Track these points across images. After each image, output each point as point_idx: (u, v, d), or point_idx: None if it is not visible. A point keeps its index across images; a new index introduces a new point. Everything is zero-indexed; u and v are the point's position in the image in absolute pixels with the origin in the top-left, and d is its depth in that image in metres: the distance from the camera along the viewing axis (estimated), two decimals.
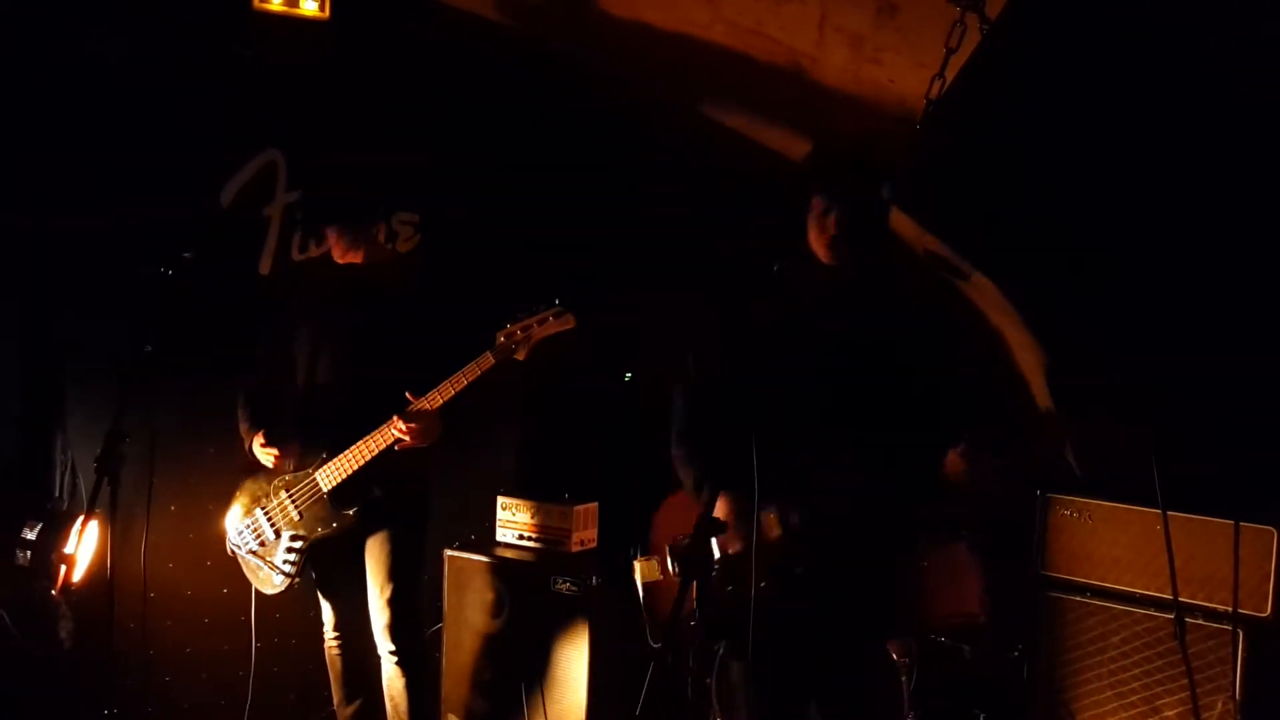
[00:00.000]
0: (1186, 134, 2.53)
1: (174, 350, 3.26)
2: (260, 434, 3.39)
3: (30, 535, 3.66)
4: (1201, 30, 2.38)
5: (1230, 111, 2.47)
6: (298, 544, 3.37)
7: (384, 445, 3.25)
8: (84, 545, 3.58)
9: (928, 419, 2.51)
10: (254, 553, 3.44)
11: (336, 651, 3.55)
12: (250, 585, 3.51)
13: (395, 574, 3.39)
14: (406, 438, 3.22)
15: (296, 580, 3.39)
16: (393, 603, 3.39)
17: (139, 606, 3.51)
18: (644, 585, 3.03)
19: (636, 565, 3.06)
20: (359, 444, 3.27)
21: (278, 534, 3.39)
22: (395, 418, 3.21)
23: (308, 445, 3.37)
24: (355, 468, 3.29)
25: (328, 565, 3.45)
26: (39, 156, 3.72)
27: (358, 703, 3.56)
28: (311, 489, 3.34)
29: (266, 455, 3.38)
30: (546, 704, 3.68)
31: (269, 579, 3.42)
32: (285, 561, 3.37)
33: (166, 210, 3.78)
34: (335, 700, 3.60)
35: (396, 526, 3.41)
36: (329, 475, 3.31)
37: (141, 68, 3.82)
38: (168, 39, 3.86)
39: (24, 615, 3.63)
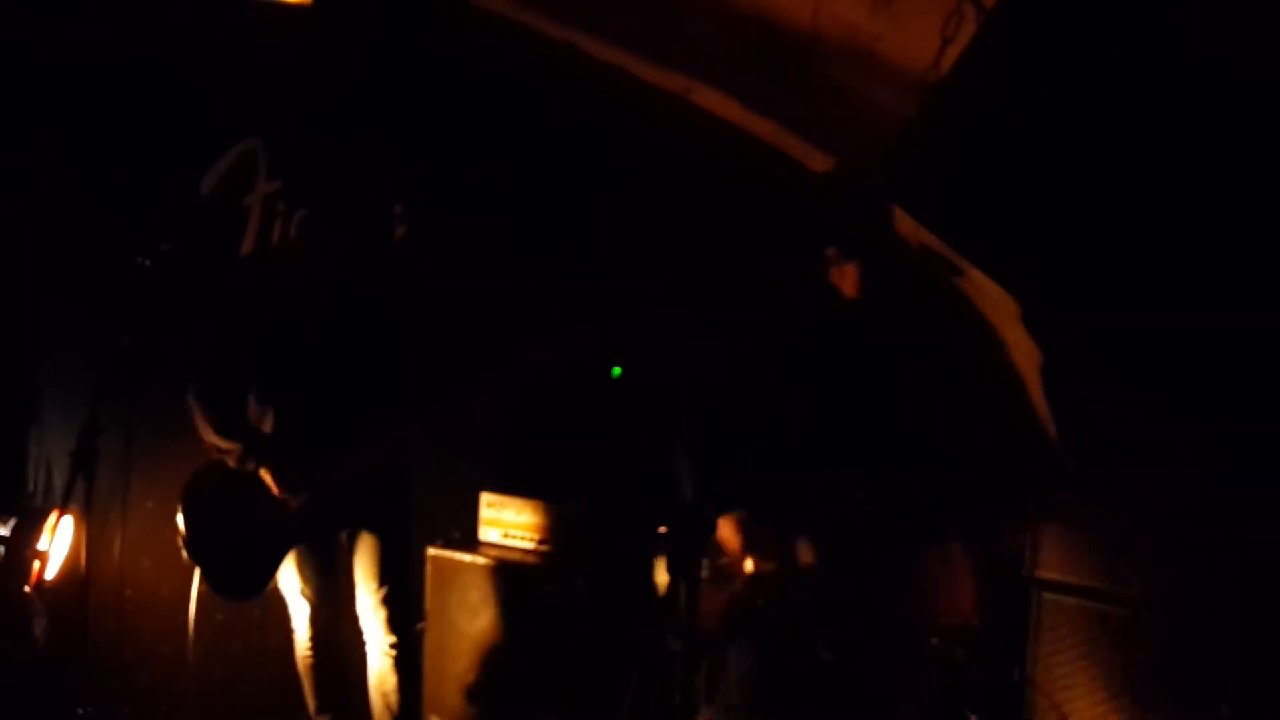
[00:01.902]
0: (1191, 124, 2.49)
1: (152, 343, 3.19)
2: (271, 473, 3.22)
3: (3, 531, 3.61)
4: (1205, 17, 2.34)
5: (1237, 101, 2.42)
6: (275, 550, 3.29)
7: (433, 427, 3.17)
8: (58, 542, 3.55)
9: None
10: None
11: (310, 661, 3.49)
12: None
13: (388, 572, 3.37)
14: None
15: (265, 588, 3.32)
16: (388, 600, 3.37)
17: (115, 604, 3.48)
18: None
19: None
20: (375, 438, 3.18)
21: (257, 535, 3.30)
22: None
23: (294, 442, 3.29)
24: (364, 463, 3.20)
25: (307, 570, 3.39)
26: (12, 145, 3.66)
27: (329, 716, 3.50)
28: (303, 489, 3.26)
29: (276, 488, 3.23)
30: (531, 704, 3.63)
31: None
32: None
33: (145, 200, 3.73)
34: (310, 709, 3.55)
35: (383, 525, 3.37)
36: (328, 474, 3.23)
37: (120, 54, 3.76)
38: (146, 26, 3.80)
39: None
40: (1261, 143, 2.56)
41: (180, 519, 3.20)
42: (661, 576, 3.00)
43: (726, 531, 2.71)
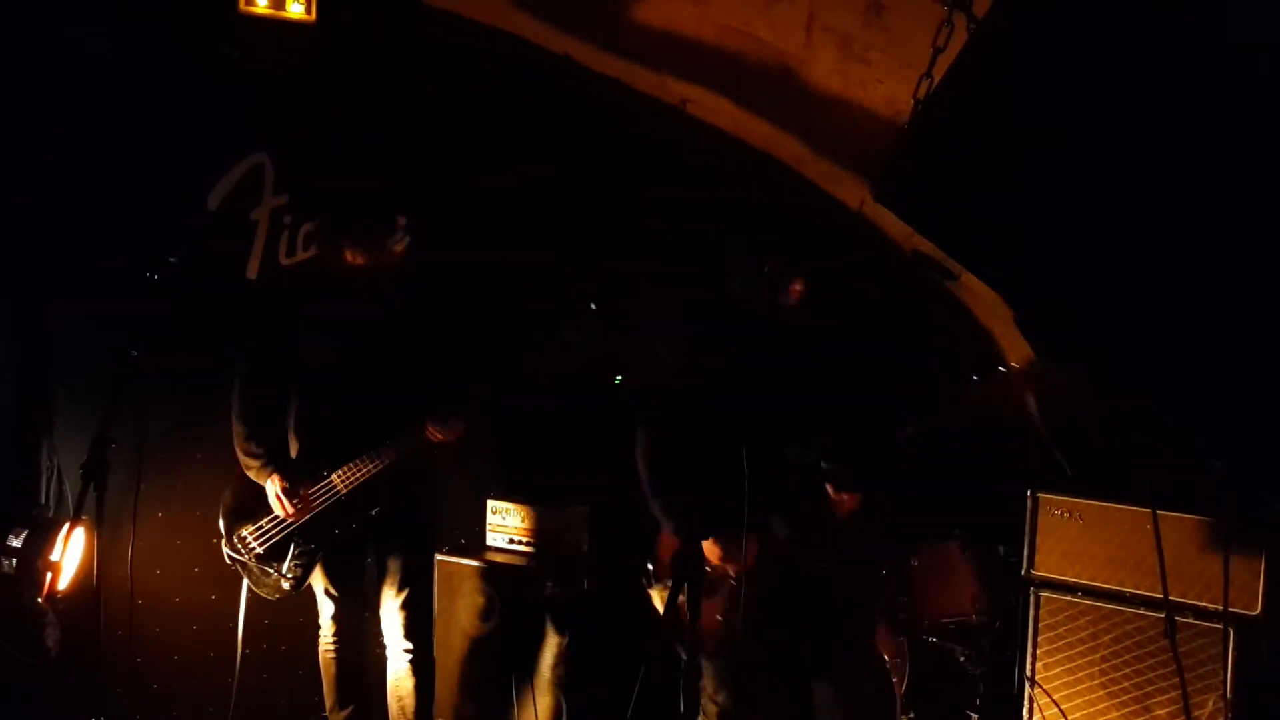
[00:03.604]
0: (1187, 131, 2.52)
1: (161, 355, 3.23)
2: (280, 478, 3.30)
3: (16, 543, 3.63)
4: (1200, 22, 2.37)
5: (1235, 108, 2.46)
6: (311, 546, 3.35)
7: (416, 445, 3.25)
8: (70, 552, 3.57)
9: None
10: (260, 558, 3.39)
11: (333, 655, 3.53)
12: (239, 592, 3.48)
13: (410, 578, 3.41)
14: (440, 435, 3.26)
15: (304, 584, 3.37)
16: (407, 606, 3.41)
17: (126, 614, 3.50)
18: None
19: (653, 594, 3.14)
20: (384, 447, 3.26)
21: (289, 538, 3.36)
22: (430, 418, 3.23)
23: (322, 448, 3.35)
24: (378, 469, 3.26)
25: (333, 569, 3.44)
26: (23, 161, 3.70)
27: (351, 708, 3.54)
28: (328, 491, 3.31)
29: (281, 504, 3.30)
30: (536, 708, 3.66)
31: (276, 584, 3.39)
32: (296, 564, 3.35)
33: (153, 214, 3.76)
34: (328, 705, 3.58)
35: (409, 531, 3.42)
36: (346, 477, 3.29)
37: (127, 70, 3.80)
38: (153, 41, 3.84)
39: (10, 623, 3.60)
40: (1256, 145, 2.58)
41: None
42: (658, 590, 3.12)
43: (711, 552, 2.97)
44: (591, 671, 3.64)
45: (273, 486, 3.31)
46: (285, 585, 3.38)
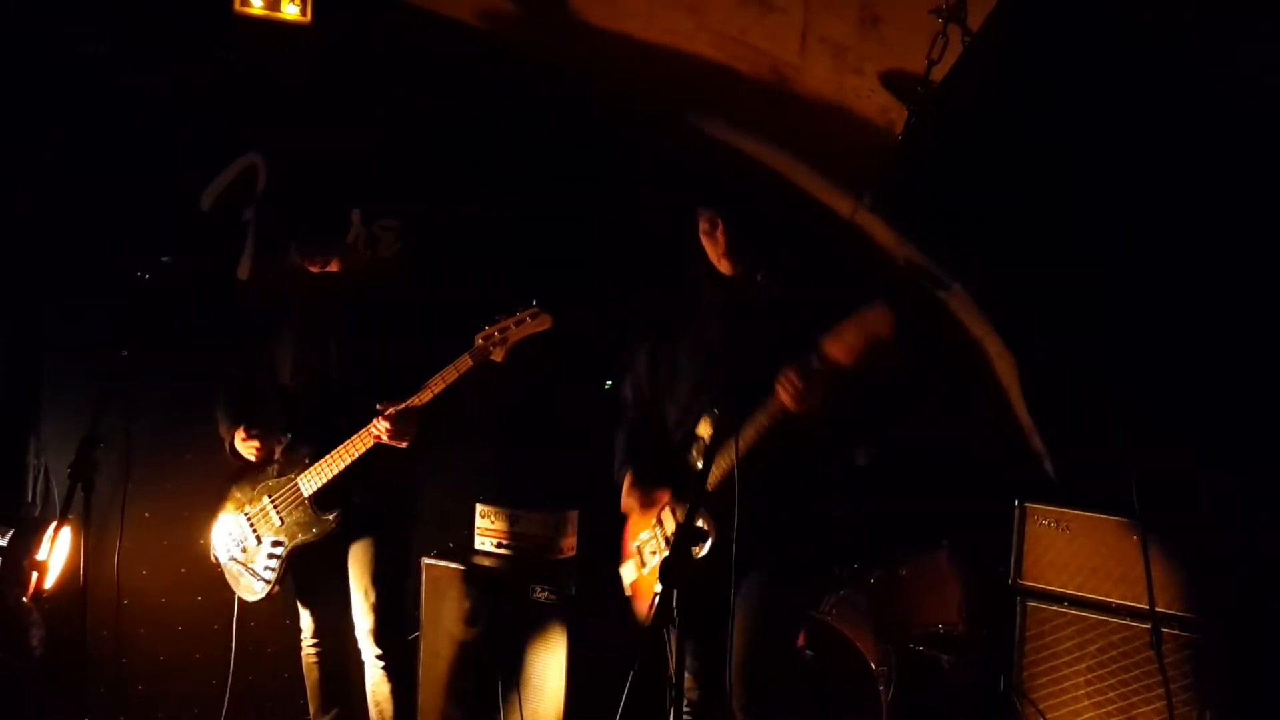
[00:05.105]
0: (1180, 140, 2.54)
1: (151, 355, 3.22)
2: (240, 429, 3.38)
3: (1, 541, 3.62)
4: (1197, 35, 2.39)
5: (1224, 118, 2.48)
6: (278, 550, 3.35)
7: (365, 448, 3.24)
8: (56, 552, 3.55)
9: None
10: (235, 559, 3.41)
11: (314, 659, 3.52)
12: (227, 594, 3.48)
13: (379, 579, 3.38)
14: (385, 437, 3.21)
15: (277, 587, 3.36)
16: (377, 608, 3.38)
17: (112, 614, 3.49)
18: (630, 585, 3.09)
19: (623, 571, 3.12)
20: (340, 448, 3.26)
21: (259, 540, 3.37)
22: (376, 418, 3.20)
23: (291, 449, 3.35)
24: (337, 472, 3.27)
25: (309, 571, 3.43)
26: (16, 159, 3.69)
27: (333, 712, 3.53)
28: (293, 494, 3.32)
29: (248, 448, 3.37)
30: (524, 713, 3.66)
31: (250, 586, 3.39)
32: (266, 568, 3.35)
33: (146, 214, 3.76)
34: (311, 710, 3.57)
35: (381, 532, 3.40)
36: (311, 479, 3.29)
37: (122, 70, 3.80)
38: (148, 42, 3.84)
39: None
40: (1250, 153, 2.61)
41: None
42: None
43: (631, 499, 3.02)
44: (581, 675, 3.64)
45: (238, 437, 3.37)
46: (258, 587, 3.38)
